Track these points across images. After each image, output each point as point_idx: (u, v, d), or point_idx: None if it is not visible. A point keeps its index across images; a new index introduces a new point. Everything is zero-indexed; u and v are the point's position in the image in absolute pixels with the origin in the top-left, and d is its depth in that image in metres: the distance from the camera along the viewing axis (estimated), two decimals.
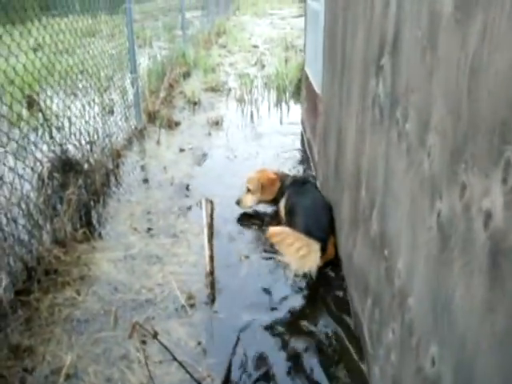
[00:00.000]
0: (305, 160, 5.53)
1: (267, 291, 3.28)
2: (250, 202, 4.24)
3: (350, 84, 3.07)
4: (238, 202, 4.25)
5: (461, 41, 1.33)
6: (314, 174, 5.03)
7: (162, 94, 7.90)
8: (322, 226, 3.65)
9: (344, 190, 3.28)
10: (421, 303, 1.68)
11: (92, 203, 4.37)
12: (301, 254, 3.42)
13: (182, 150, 5.88)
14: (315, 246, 3.47)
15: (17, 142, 3.63)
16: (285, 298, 3.20)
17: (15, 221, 3.33)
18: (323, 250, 3.43)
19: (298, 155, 5.72)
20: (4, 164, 3.39)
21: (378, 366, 2.32)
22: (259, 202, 4.25)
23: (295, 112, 7.48)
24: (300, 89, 8.18)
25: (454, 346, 1.39)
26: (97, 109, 5.52)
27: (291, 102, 8.01)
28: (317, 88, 4.89)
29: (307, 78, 5.96)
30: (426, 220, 1.61)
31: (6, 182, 3.33)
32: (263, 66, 10.52)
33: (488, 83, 1.17)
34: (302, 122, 6.65)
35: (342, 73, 3.36)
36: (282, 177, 4.25)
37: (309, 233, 3.51)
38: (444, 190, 1.46)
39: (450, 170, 1.40)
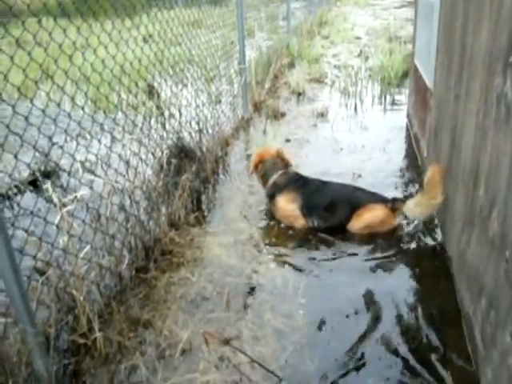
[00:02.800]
0: (410, 154, 5.43)
1: None
2: None
3: (470, 80, 2.97)
4: None
5: None
6: (420, 168, 4.94)
7: (268, 85, 8.05)
8: None
9: (457, 187, 3.21)
10: None
11: (203, 189, 4.59)
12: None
13: (287, 141, 5.95)
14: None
15: (141, 130, 3.87)
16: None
17: (137, 203, 3.58)
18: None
19: (403, 149, 5.63)
20: (129, 149, 3.65)
21: (490, 368, 2.29)
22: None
23: (400, 105, 7.34)
24: (405, 81, 8.03)
25: None
26: (205, 98, 5.72)
27: (396, 95, 7.85)
28: (428, 82, 4.77)
29: (417, 70, 5.82)
30: None
31: (131, 166, 3.59)
32: (367, 58, 10.35)
33: None
34: (408, 116, 6.52)
35: (461, 68, 3.26)
36: (267, 160, 4.24)
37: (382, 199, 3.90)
38: None
39: None
